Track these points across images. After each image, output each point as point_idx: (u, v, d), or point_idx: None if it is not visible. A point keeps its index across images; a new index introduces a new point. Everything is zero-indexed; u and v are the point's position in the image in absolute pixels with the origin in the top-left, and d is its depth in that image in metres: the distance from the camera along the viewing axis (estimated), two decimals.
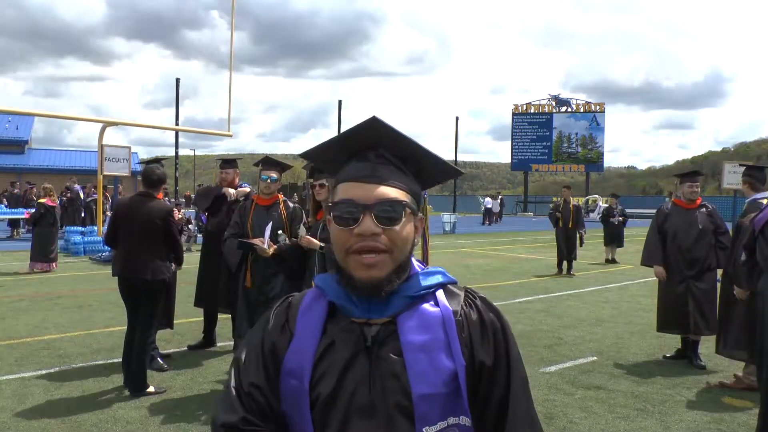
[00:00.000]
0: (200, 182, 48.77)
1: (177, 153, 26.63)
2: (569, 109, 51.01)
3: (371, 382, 1.12)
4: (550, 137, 50.84)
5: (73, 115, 20.22)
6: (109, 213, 18.27)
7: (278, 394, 1.16)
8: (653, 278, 6.45)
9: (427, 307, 1.17)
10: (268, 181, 4.85)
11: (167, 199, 9.66)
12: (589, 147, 50.28)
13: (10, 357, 5.93)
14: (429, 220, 7.97)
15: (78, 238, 15.61)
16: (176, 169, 27.11)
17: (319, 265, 4.46)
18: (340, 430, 1.11)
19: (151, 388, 4.93)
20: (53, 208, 12.42)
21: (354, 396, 1.11)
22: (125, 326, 5.15)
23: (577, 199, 26.48)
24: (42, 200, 12.47)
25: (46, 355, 6.03)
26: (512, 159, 52.53)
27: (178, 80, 25.47)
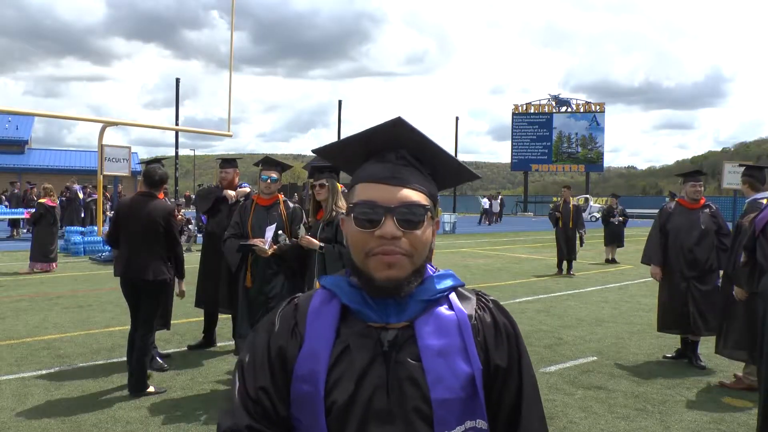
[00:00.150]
0: (200, 182, 48.83)
1: (177, 153, 26.60)
2: (569, 109, 51.05)
3: (389, 388, 1.10)
4: (550, 137, 50.87)
5: (73, 115, 20.19)
6: (109, 213, 18.30)
7: (285, 399, 1.14)
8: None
9: (443, 310, 1.16)
10: (268, 181, 4.86)
11: (168, 199, 9.63)
12: (589, 147, 50.31)
13: (10, 357, 5.93)
14: None
15: (78, 238, 15.61)
16: (176, 169, 27.06)
17: (319, 265, 4.47)
18: None
19: (151, 388, 4.93)
20: (53, 208, 12.42)
21: (371, 402, 1.10)
22: (125, 326, 5.16)
23: (578, 199, 26.43)
24: (42, 200, 12.47)
25: (46, 355, 6.03)
26: (512, 159, 52.56)
27: (178, 80, 25.42)
